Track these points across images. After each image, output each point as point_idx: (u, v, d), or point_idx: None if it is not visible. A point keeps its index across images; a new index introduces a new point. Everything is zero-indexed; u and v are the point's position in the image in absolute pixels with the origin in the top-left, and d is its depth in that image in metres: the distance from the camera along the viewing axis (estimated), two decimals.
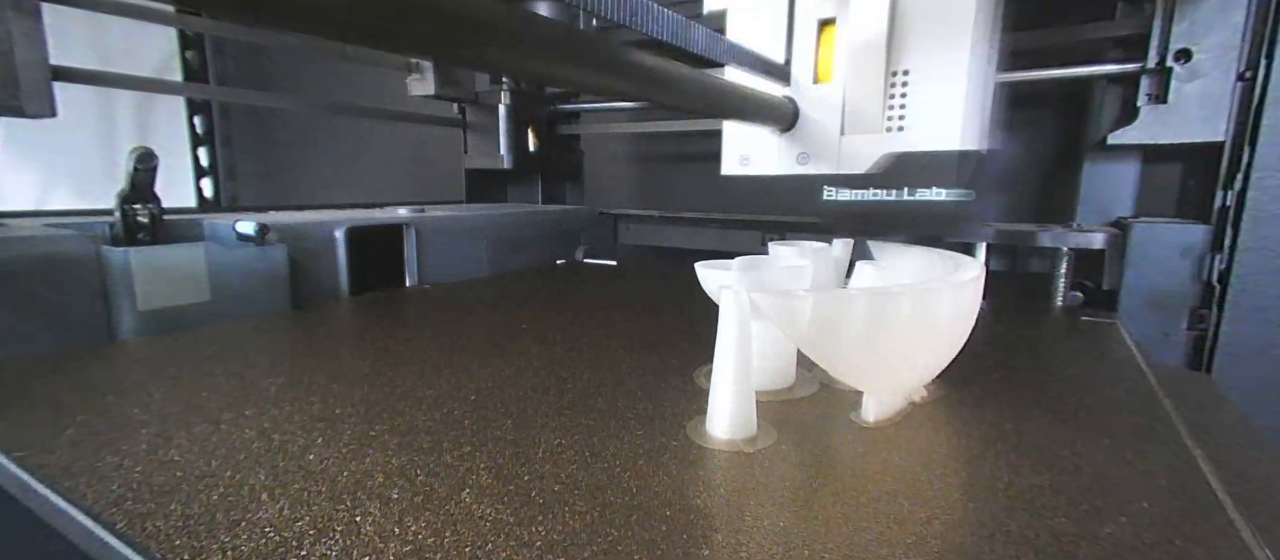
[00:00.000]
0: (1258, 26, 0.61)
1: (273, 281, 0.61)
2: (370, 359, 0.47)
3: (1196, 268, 0.65)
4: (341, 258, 0.69)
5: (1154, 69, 0.66)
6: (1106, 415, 0.37)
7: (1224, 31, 0.62)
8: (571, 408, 0.38)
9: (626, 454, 0.31)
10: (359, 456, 0.31)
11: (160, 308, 0.53)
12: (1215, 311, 0.63)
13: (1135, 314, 0.67)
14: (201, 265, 0.56)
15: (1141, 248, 0.67)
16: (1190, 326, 0.66)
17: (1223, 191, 0.64)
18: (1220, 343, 0.63)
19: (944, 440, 0.34)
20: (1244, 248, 0.61)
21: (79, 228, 0.53)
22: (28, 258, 0.47)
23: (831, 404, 0.38)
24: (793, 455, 0.31)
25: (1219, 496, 0.27)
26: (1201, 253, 0.65)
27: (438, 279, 0.79)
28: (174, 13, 0.87)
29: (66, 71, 0.65)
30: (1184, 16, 0.64)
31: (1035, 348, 0.52)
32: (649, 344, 0.52)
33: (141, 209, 0.56)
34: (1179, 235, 0.65)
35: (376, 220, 0.74)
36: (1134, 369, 0.46)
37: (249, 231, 0.58)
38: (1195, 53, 0.64)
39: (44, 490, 0.29)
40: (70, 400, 0.38)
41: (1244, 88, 0.62)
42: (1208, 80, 0.64)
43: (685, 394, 0.40)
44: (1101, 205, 0.75)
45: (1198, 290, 0.65)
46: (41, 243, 0.48)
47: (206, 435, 0.34)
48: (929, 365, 0.37)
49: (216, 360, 0.46)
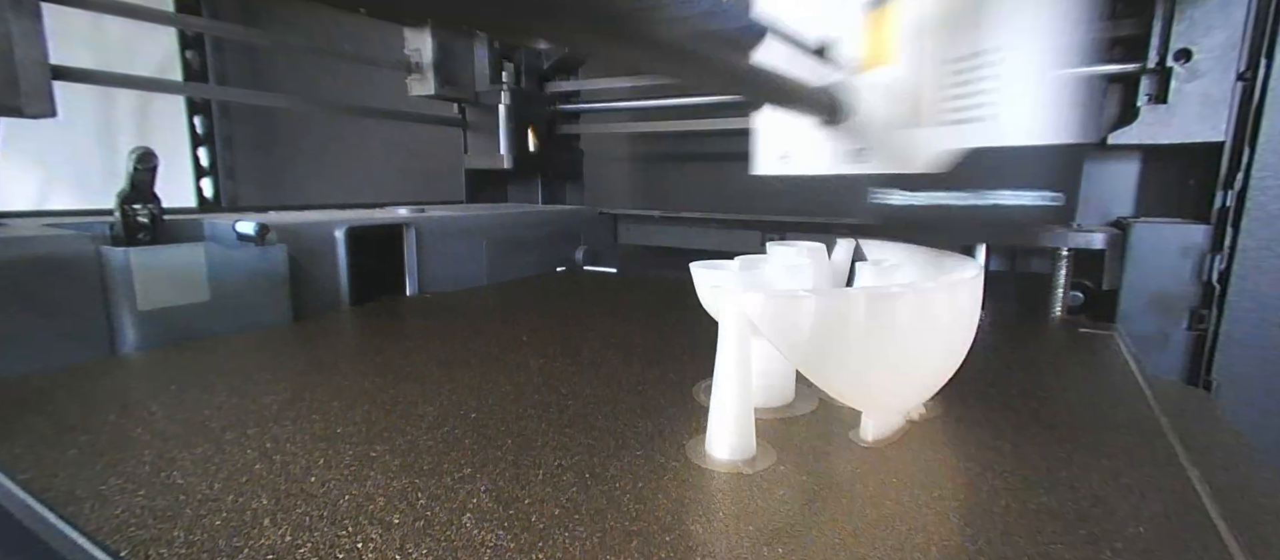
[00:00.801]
0: (1258, 26, 0.61)
1: (273, 282, 0.61)
2: (371, 374, 0.47)
3: (1196, 268, 0.65)
4: (341, 258, 0.69)
5: (1154, 69, 0.66)
6: (1103, 434, 0.37)
7: (1224, 31, 0.62)
8: (571, 425, 0.38)
9: (626, 476, 0.31)
10: (360, 478, 0.31)
11: (160, 308, 0.53)
12: (1215, 311, 0.63)
13: (1135, 314, 0.68)
14: (201, 265, 0.56)
15: (1141, 248, 0.67)
16: (1190, 326, 0.66)
17: (1223, 191, 0.64)
18: (1220, 343, 0.63)
19: (942, 461, 0.34)
20: (1244, 248, 0.61)
21: (79, 228, 0.54)
22: (28, 258, 0.48)
23: (831, 421, 0.38)
24: (792, 477, 0.31)
25: (1214, 521, 0.27)
26: (1201, 253, 0.65)
27: (438, 280, 0.79)
28: (174, 13, 0.86)
29: (66, 71, 0.65)
30: (1184, 16, 0.64)
31: (1033, 361, 0.52)
32: (648, 357, 0.52)
33: (141, 209, 0.56)
34: (1179, 235, 0.65)
35: (377, 220, 0.74)
36: (1132, 384, 0.46)
37: (249, 231, 0.58)
38: (1195, 53, 0.64)
39: (48, 514, 0.29)
40: (73, 419, 0.38)
41: (1244, 88, 0.62)
42: (1208, 80, 0.64)
43: (685, 411, 0.40)
44: (1101, 205, 0.75)
45: (1198, 290, 0.65)
46: (41, 243, 0.49)
47: (209, 456, 0.34)
48: (931, 376, 0.37)
49: (218, 374, 0.47)
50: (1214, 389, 0.63)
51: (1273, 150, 0.59)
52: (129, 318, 0.52)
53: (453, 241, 0.82)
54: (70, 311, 0.50)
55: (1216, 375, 0.63)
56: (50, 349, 0.49)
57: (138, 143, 0.57)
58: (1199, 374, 0.65)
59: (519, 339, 0.57)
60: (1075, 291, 0.73)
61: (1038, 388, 0.45)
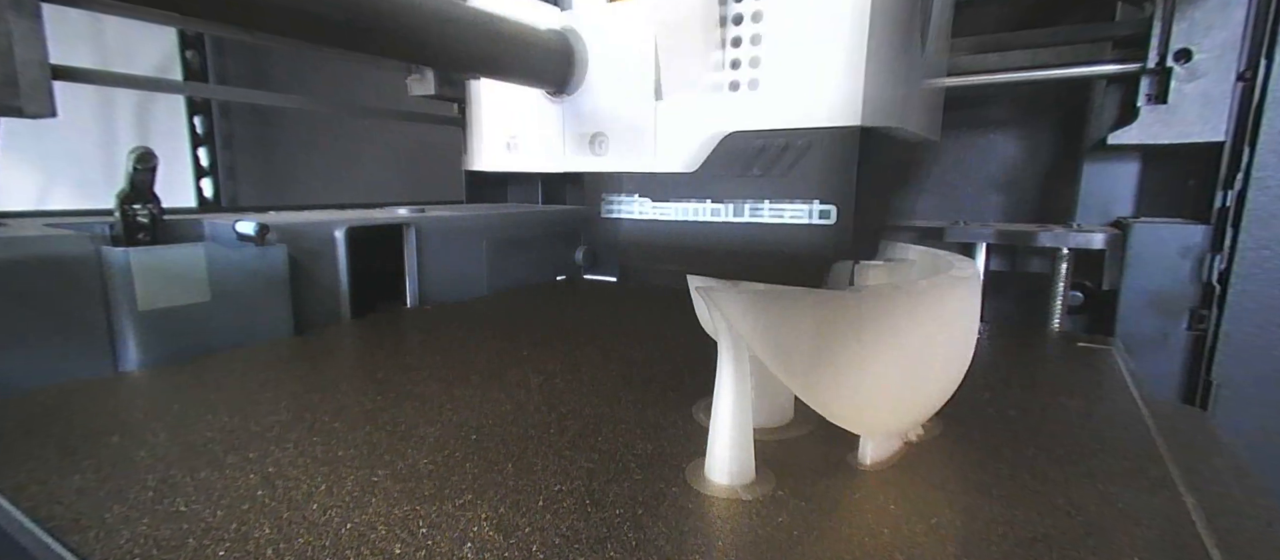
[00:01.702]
0: (1258, 26, 0.60)
1: (273, 282, 0.62)
2: (372, 392, 0.47)
3: (1196, 268, 0.65)
4: (341, 258, 0.69)
5: (1154, 69, 0.66)
6: (1099, 457, 0.37)
7: (1224, 31, 0.62)
8: (572, 447, 0.38)
9: (626, 501, 0.32)
10: (362, 505, 0.32)
11: (160, 308, 0.53)
12: (1215, 311, 0.63)
13: (1135, 314, 0.68)
14: (201, 265, 0.56)
15: (1141, 248, 0.67)
16: (1190, 326, 0.66)
17: (1223, 191, 0.64)
18: (1220, 343, 0.63)
19: (939, 485, 0.34)
20: (1244, 248, 0.61)
21: (79, 228, 0.54)
22: (28, 258, 0.48)
23: (830, 442, 0.38)
24: (791, 503, 0.32)
25: (1208, 549, 0.27)
26: (1201, 253, 0.65)
27: (438, 279, 0.80)
28: None
29: (66, 71, 0.65)
30: (1184, 16, 0.63)
31: (1029, 377, 0.52)
32: (648, 373, 0.52)
33: (141, 209, 0.56)
34: (1179, 235, 0.65)
35: (377, 220, 0.74)
36: (1128, 402, 0.47)
37: (249, 231, 0.58)
38: (1195, 53, 0.63)
39: (55, 545, 0.29)
40: (77, 442, 0.38)
41: (1244, 88, 0.62)
42: (1208, 80, 0.63)
43: (684, 432, 0.40)
44: (1101, 205, 0.75)
45: (1198, 290, 0.65)
46: (41, 243, 0.49)
47: (211, 482, 0.34)
48: (930, 392, 0.37)
49: (219, 392, 0.47)
50: (1214, 389, 0.63)
51: (1273, 150, 0.59)
52: (129, 318, 0.52)
53: (453, 241, 0.82)
54: (70, 311, 0.50)
55: (1216, 375, 0.63)
56: (50, 349, 0.49)
57: (138, 143, 0.57)
58: (1199, 374, 0.65)
59: (519, 354, 0.57)
60: (1075, 291, 0.73)
61: (1034, 406, 0.46)
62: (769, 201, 0.25)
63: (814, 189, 0.24)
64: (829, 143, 0.23)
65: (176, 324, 0.55)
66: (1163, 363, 0.67)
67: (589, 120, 0.29)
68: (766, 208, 0.25)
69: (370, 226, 0.73)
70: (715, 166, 0.26)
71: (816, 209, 0.24)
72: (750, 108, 0.25)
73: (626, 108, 0.28)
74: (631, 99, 0.27)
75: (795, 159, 0.24)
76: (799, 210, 0.24)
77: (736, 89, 0.25)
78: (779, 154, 0.24)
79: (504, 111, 0.34)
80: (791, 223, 0.25)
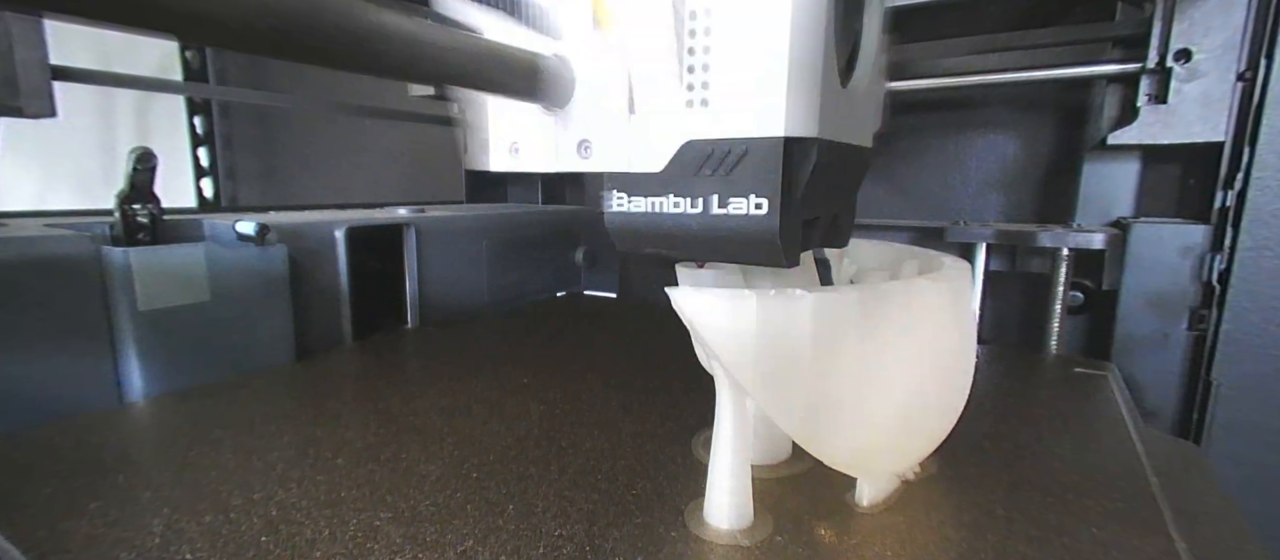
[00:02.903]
0: (1258, 26, 0.60)
1: (273, 282, 0.61)
2: (375, 425, 0.47)
3: (1196, 268, 0.65)
4: (342, 258, 0.69)
5: (1154, 69, 0.65)
6: (1095, 498, 0.37)
7: (1224, 31, 0.62)
8: (572, 487, 0.38)
9: (625, 549, 0.32)
10: (364, 552, 0.32)
11: (160, 308, 0.53)
12: (1215, 311, 0.63)
13: (1135, 314, 0.68)
14: (201, 265, 0.56)
15: (1141, 248, 0.67)
16: (1190, 326, 0.66)
17: (1223, 191, 0.64)
18: (1220, 343, 0.63)
19: (936, 527, 0.34)
20: (1244, 248, 0.61)
21: (79, 228, 0.53)
22: (28, 258, 0.47)
23: (827, 482, 0.38)
24: (788, 548, 0.31)
25: None
26: (1201, 253, 0.65)
27: (438, 279, 0.80)
28: None
29: (66, 71, 0.65)
30: (1184, 16, 0.63)
31: (1026, 408, 0.52)
32: (648, 401, 0.52)
33: (141, 209, 0.56)
34: (1179, 235, 0.65)
35: (377, 220, 0.74)
36: (1124, 437, 0.46)
37: (249, 232, 0.58)
38: (1195, 53, 0.63)
39: None
40: (80, 482, 0.38)
41: (1244, 88, 0.62)
42: (1208, 80, 0.63)
43: (684, 469, 0.40)
44: (1101, 205, 0.75)
45: (1198, 290, 0.65)
46: (41, 243, 0.48)
47: (217, 527, 0.34)
48: (934, 427, 0.36)
49: (223, 428, 0.46)
50: (1214, 389, 0.63)
51: (1273, 150, 0.59)
52: (129, 318, 0.52)
53: (453, 241, 0.82)
54: (70, 311, 0.50)
55: (1216, 375, 0.63)
56: (50, 349, 0.49)
57: (138, 143, 0.57)
58: (1199, 374, 0.66)
59: (519, 382, 0.57)
60: (1075, 291, 0.73)
61: (1031, 441, 0.45)
62: (717, 196, 0.31)
63: (750, 186, 0.30)
64: (760, 149, 0.29)
65: (176, 323, 0.54)
66: (1163, 363, 0.67)
67: (577, 129, 0.35)
68: (715, 201, 0.31)
69: (371, 226, 0.73)
70: (677, 168, 0.32)
71: (753, 201, 0.30)
72: (703, 121, 0.31)
73: (607, 120, 0.34)
74: (610, 113, 0.33)
75: (735, 162, 0.30)
76: (741, 203, 0.30)
77: (691, 106, 0.31)
78: (723, 157, 0.30)
79: (510, 120, 0.39)
80: (736, 213, 0.31)
